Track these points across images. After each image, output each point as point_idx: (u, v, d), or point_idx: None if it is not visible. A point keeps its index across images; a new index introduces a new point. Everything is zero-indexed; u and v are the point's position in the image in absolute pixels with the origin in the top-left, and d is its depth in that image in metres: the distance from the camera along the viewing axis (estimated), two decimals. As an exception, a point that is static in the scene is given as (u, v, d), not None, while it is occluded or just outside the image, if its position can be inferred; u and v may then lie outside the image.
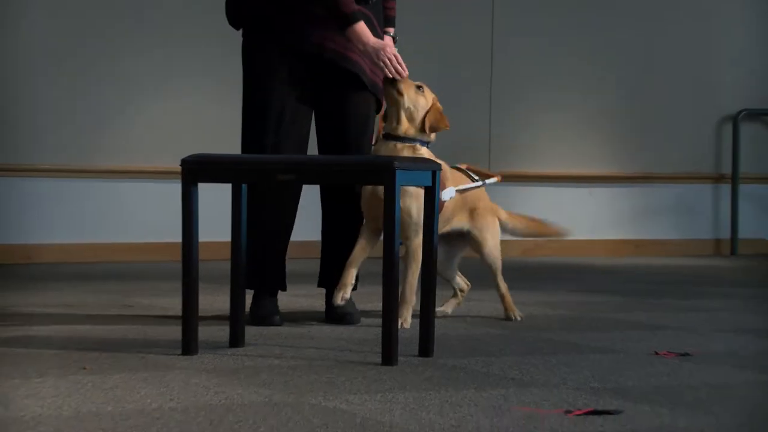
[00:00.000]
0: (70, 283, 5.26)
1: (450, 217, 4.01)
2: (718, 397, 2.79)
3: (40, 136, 6.42)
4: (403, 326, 3.75)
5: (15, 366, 3.06)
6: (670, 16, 7.78)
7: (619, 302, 4.83)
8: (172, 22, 6.65)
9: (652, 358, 3.37)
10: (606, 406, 2.65)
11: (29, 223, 6.38)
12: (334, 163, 3.34)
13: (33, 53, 6.38)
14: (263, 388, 2.82)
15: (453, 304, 4.29)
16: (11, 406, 2.57)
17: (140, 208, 6.60)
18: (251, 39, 4.01)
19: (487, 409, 2.61)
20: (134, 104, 6.62)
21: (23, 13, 6.37)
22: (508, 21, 7.37)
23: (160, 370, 3.05)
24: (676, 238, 7.78)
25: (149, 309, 4.32)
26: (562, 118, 7.53)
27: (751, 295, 5.31)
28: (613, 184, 7.67)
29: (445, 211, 3.94)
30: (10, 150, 6.35)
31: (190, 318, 3.29)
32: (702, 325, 4.13)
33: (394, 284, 3.18)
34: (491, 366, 3.20)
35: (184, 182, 3.30)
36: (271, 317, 3.93)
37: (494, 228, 4.17)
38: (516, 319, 4.15)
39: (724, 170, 7.91)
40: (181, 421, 2.45)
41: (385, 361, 3.18)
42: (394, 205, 3.17)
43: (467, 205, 4.09)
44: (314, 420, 2.48)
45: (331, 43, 3.92)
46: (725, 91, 7.89)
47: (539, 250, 7.32)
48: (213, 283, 4.98)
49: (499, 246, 4.16)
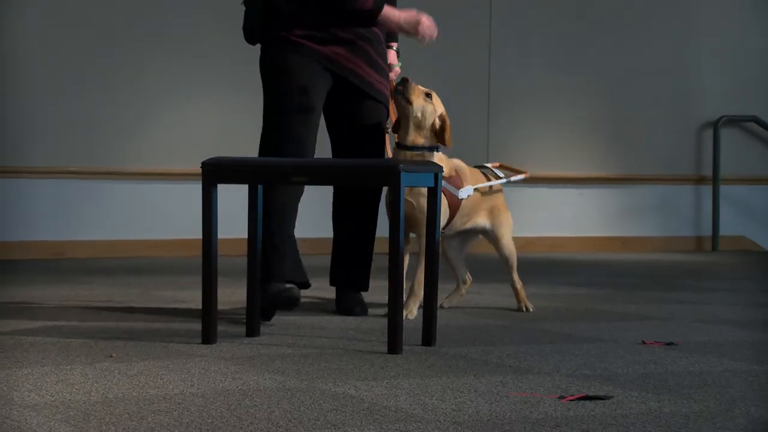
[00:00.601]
0: (97, 277, 5.25)
1: (471, 214, 3.98)
2: (701, 384, 2.77)
3: (71, 142, 6.42)
4: (408, 317, 3.75)
5: (46, 354, 3.05)
6: (653, 29, 7.76)
7: (607, 295, 4.81)
8: (193, 35, 6.64)
9: (639, 347, 3.35)
10: (597, 392, 2.64)
11: (60, 221, 6.38)
12: (344, 166, 3.33)
13: (66, 66, 6.38)
14: (277, 375, 2.80)
15: (456, 298, 4.23)
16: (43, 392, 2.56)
17: (163, 207, 6.59)
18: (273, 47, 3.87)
19: (486, 395, 2.60)
20: (157, 112, 6.61)
21: (59, 28, 6.37)
22: (504, 35, 7.37)
23: (181, 358, 3.03)
24: (660, 235, 7.76)
25: (171, 301, 4.31)
26: (553, 125, 7.52)
27: (731, 288, 5.29)
28: (602, 185, 7.66)
29: (464, 209, 3.91)
30: (41, 154, 6.35)
31: (210, 309, 3.28)
32: (685, 316, 4.11)
33: (399, 278, 3.17)
34: (490, 354, 3.18)
35: (204, 183, 3.29)
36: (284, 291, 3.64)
37: (510, 223, 4.12)
38: (529, 311, 4.11)
39: (705, 172, 7.89)
40: (201, 406, 2.44)
41: (391, 350, 3.16)
42: (399, 205, 3.16)
43: (487, 203, 4.05)
44: (325, 404, 2.47)
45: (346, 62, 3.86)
46: (706, 99, 7.88)
47: (532, 247, 7.31)
48: (231, 277, 4.97)
49: (512, 240, 4.12)
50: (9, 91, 6.29)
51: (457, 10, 7.15)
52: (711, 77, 7.89)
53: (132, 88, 6.53)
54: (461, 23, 7.23)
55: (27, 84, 6.31)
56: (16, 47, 6.29)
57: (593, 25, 7.61)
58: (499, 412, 2.43)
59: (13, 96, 6.30)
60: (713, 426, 2.33)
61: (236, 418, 2.33)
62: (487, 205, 4.05)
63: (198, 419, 2.31)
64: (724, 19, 7.94)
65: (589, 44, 7.59)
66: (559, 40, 7.51)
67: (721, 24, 7.93)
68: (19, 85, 6.30)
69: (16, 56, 6.29)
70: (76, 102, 6.42)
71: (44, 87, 6.35)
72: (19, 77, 6.30)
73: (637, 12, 7.72)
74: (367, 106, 3.94)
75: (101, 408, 2.40)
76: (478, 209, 4.01)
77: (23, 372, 2.79)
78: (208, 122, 6.68)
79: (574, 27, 7.56)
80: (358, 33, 3.90)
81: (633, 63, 7.69)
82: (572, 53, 7.54)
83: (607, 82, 7.64)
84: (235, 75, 6.59)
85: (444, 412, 2.41)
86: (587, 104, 7.60)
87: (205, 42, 6.65)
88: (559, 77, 7.51)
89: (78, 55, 6.41)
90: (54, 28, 6.37)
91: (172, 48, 6.61)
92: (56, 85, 6.38)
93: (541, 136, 7.48)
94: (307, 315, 3.94)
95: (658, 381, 2.81)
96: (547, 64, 7.47)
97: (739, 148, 7.95)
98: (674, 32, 7.81)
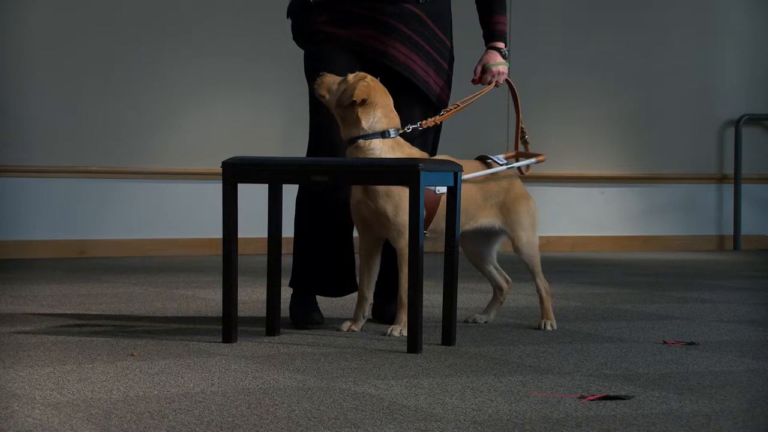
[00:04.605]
0: (119, 276, 5.27)
1: (474, 212, 3.47)
2: (722, 384, 2.76)
3: (94, 142, 6.45)
4: (402, 333, 3.34)
5: (68, 353, 3.06)
6: (675, 28, 7.72)
7: (628, 294, 4.79)
8: (212, 36, 6.65)
9: (660, 347, 3.33)
10: (618, 392, 2.63)
11: (82, 220, 6.42)
12: (363, 165, 3.29)
13: (90, 66, 6.41)
14: (297, 374, 2.80)
15: (495, 309, 3.69)
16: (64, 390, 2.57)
17: (184, 206, 6.61)
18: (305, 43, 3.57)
19: (506, 394, 2.59)
20: (179, 112, 6.63)
21: (83, 28, 6.39)
22: (523, 34, 7.34)
23: (202, 356, 3.04)
24: (682, 234, 7.73)
25: (192, 300, 4.32)
26: (574, 124, 7.50)
27: (753, 287, 5.26)
28: (623, 184, 7.63)
29: (466, 206, 3.41)
30: (64, 153, 6.38)
31: (230, 308, 3.28)
32: (706, 315, 4.09)
33: (419, 278, 3.16)
34: (510, 354, 3.17)
35: (225, 183, 3.30)
36: (310, 315, 3.53)
37: (528, 219, 3.51)
38: (547, 329, 3.56)
39: (726, 171, 7.85)
40: (221, 404, 2.44)
41: (411, 349, 3.16)
42: (418, 205, 3.14)
43: (492, 198, 3.50)
44: (344, 403, 2.47)
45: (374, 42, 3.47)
46: (728, 97, 7.84)
47: (553, 246, 7.29)
48: (251, 276, 4.97)
49: (535, 241, 3.53)
50: (32, 91, 6.32)
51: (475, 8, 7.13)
52: (733, 75, 7.84)
53: (154, 88, 6.56)
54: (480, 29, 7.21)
55: (50, 84, 6.34)
56: (39, 47, 6.32)
57: (614, 24, 7.58)
58: (520, 411, 2.42)
59: (37, 96, 6.33)
60: (735, 426, 2.32)
61: (257, 417, 2.33)
62: (493, 201, 3.49)
63: (218, 418, 2.32)
64: (745, 17, 7.89)
65: (610, 43, 7.56)
66: (579, 39, 7.48)
67: (743, 22, 7.89)
68: (43, 85, 6.33)
69: (42, 57, 6.31)
70: (99, 102, 6.45)
71: (68, 87, 6.38)
72: (42, 78, 6.32)
73: (659, 10, 7.68)
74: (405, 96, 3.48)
75: (122, 406, 2.41)
76: (481, 207, 3.47)
77: (45, 371, 2.80)
78: (230, 122, 6.70)
79: (595, 25, 7.53)
80: (385, 9, 3.48)
81: (654, 61, 7.66)
82: (592, 52, 7.52)
83: (628, 81, 7.61)
84: (258, 74, 6.60)
85: (464, 412, 2.40)
86: (608, 103, 7.57)
87: (228, 41, 6.65)
88: (579, 76, 7.48)
89: (101, 55, 6.43)
90: (78, 33, 6.39)
91: (194, 48, 6.62)
92: (79, 85, 6.40)
93: (562, 135, 7.46)
94: (326, 314, 3.94)
95: (679, 381, 2.79)
96: (567, 63, 7.45)
97: (761, 147, 7.90)
98: (696, 30, 7.77)
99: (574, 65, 7.47)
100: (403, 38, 3.51)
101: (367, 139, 3.31)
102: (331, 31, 3.51)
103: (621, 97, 7.60)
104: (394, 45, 3.48)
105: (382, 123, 3.34)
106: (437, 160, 3.35)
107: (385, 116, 3.34)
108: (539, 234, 3.61)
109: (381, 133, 3.33)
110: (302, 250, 3.63)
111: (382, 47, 3.49)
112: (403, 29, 3.51)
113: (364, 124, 3.31)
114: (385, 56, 3.49)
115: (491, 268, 3.67)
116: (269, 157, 3.39)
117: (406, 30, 3.51)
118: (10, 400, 2.45)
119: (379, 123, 3.33)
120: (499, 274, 3.68)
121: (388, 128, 3.34)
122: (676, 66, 7.71)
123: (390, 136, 3.34)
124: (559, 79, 7.43)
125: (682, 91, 7.74)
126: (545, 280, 3.63)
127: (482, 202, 3.50)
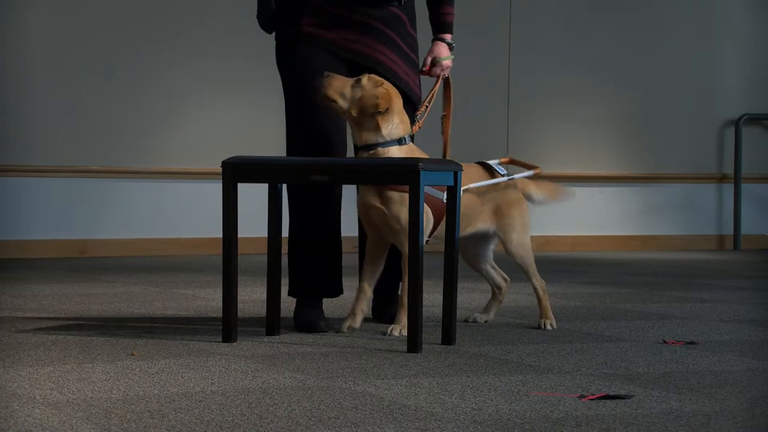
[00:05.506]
0: (119, 276, 5.27)
1: (471, 217, 3.49)
2: (722, 384, 2.76)
3: (94, 142, 6.45)
4: (402, 333, 3.35)
5: (67, 352, 3.06)
6: (674, 28, 7.72)
7: (628, 294, 4.79)
8: (212, 36, 6.65)
9: (660, 346, 3.33)
10: (618, 391, 2.63)
11: (83, 220, 6.42)
12: (364, 164, 3.30)
13: (89, 66, 6.41)
14: (297, 373, 2.80)
15: (495, 308, 3.72)
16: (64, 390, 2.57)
17: (184, 206, 6.61)
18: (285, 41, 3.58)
19: (506, 394, 2.59)
20: (178, 113, 6.63)
21: (84, 28, 6.39)
22: (523, 34, 7.34)
23: (202, 356, 3.04)
24: (682, 233, 7.73)
25: (192, 299, 4.32)
26: (573, 123, 7.50)
27: (753, 287, 5.26)
28: (622, 184, 7.63)
29: (465, 211, 3.44)
30: (64, 153, 6.38)
31: (230, 308, 3.28)
32: (706, 315, 4.09)
33: (419, 278, 3.16)
34: (510, 354, 3.17)
35: (225, 182, 3.30)
36: (315, 323, 3.50)
37: (520, 222, 3.55)
38: (547, 328, 3.59)
39: (726, 171, 7.85)
40: (221, 404, 2.44)
41: (411, 349, 3.16)
42: (418, 204, 3.14)
43: (489, 203, 3.54)
44: (344, 403, 2.47)
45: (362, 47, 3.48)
46: (728, 97, 7.84)
47: (553, 245, 7.29)
48: (251, 276, 4.98)
49: (527, 242, 3.57)
50: (32, 91, 6.32)
51: (477, 9, 7.14)
52: (733, 75, 7.84)
53: (154, 88, 6.56)
54: (481, 22, 7.22)
55: (50, 84, 6.34)
56: (39, 47, 6.32)
57: (614, 24, 7.58)
58: (520, 411, 2.42)
59: (37, 96, 6.33)
60: (735, 425, 2.32)
61: (256, 416, 2.33)
62: (489, 206, 3.52)
63: (218, 417, 2.32)
64: (745, 17, 7.89)
65: (610, 43, 7.56)
66: (579, 39, 7.49)
67: (743, 22, 7.89)
68: (43, 85, 6.33)
69: (42, 57, 6.31)
70: (99, 102, 6.45)
71: (68, 87, 6.38)
72: (42, 78, 6.32)
73: (659, 10, 7.68)
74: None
75: (122, 406, 2.41)
76: (478, 212, 3.50)
77: (45, 370, 2.80)
78: (230, 122, 6.70)
79: (595, 25, 7.53)
80: (371, 14, 3.50)
81: (654, 61, 7.66)
82: (592, 52, 7.52)
83: (628, 81, 7.61)
84: (258, 74, 6.59)
85: (464, 411, 2.40)
86: (608, 103, 7.57)
87: (228, 41, 6.66)
88: (579, 76, 7.48)
89: (101, 55, 6.43)
90: (78, 33, 6.39)
91: (194, 48, 6.62)
92: (79, 85, 6.40)
93: (562, 134, 7.46)
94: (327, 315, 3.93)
95: (679, 380, 2.79)
96: (567, 63, 7.45)
97: (761, 147, 7.90)
98: (696, 30, 7.77)
99: (574, 65, 7.47)
100: (388, 42, 3.53)
101: (385, 146, 3.34)
102: (315, 33, 3.51)
103: (621, 97, 7.60)
104: (382, 50, 3.51)
105: (399, 130, 3.36)
106: (437, 160, 3.36)
107: (401, 122, 3.37)
108: (532, 233, 3.65)
109: (398, 141, 3.35)
110: (296, 254, 3.58)
111: (371, 52, 3.51)
112: (388, 33, 3.54)
113: (383, 132, 3.34)
114: (374, 62, 3.51)
115: (488, 267, 3.70)
116: (269, 157, 3.39)
117: (390, 33, 3.54)
118: (10, 400, 2.45)
119: (396, 129, 3.36)
120: (496, 273, 3.71)
121: (404, 135, 3.37)
122: (676, 66, 7.71)
123: (405, 142, 3.37)
124: (559, 79, 7.43)
125: (682, 91, 7.74)
126: (541, 279, 3.65)
127: (480, 207, 3.54)
